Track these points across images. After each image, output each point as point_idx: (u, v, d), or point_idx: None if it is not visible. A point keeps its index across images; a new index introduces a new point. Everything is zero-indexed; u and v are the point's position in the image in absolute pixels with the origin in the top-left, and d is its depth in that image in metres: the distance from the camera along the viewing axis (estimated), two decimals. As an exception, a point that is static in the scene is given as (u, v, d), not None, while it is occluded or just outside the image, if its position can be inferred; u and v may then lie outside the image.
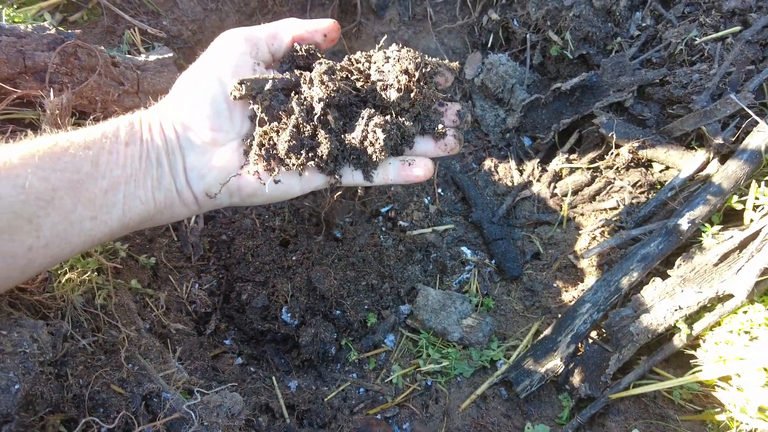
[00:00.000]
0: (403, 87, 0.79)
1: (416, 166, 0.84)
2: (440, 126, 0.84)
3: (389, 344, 1.43)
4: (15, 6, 1.25)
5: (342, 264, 1.46)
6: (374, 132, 0.79)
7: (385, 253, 1.50)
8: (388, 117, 0.80)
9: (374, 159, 0.81)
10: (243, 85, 0.76)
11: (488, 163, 1.80)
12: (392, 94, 0.80)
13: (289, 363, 1.36)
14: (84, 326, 0.95)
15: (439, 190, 1.74)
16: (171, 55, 1.41)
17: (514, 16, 1.78)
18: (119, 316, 0.99)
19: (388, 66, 0.81)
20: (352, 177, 0.84)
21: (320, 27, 0.82)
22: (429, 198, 1.71)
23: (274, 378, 1.27)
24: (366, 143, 0.80)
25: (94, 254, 1.02)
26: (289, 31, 0.82)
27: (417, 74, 0.79)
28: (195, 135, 0.77)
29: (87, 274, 0.97)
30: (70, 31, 1.21)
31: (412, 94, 0.80)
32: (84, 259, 0.99)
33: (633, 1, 1.59)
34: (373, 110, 0.81)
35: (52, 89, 1.08)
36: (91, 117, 1.17)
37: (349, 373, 1.37)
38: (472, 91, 1.86)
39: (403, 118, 0.83)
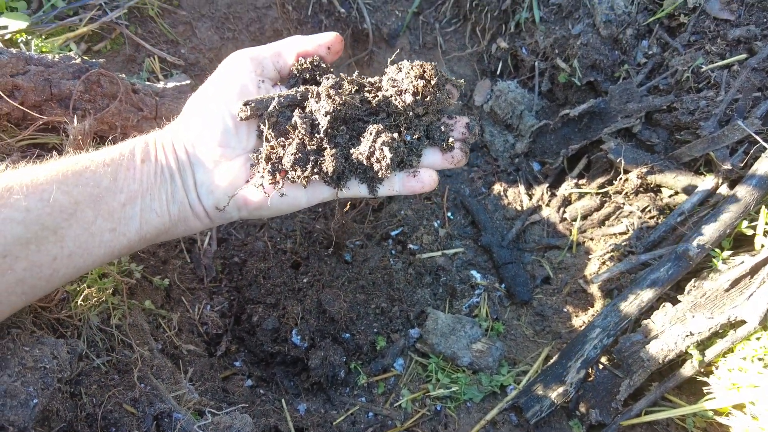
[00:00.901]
0: (419, 90, 0.81)
1: (421, 178, 0.86)
2: (450, 139, 0.86)
3: (398, 368, 1.43)
4: (43, 36, 1.31)
5: (352, 287, 1.47)
6: (381, 150, 0.80)
7: (394, 276, 1.51)
8: (395, 134, 0.82)
9: (380, 176, 0.83)
10: (248, 107, 0.80)
11: (498, 188, 1.81)
12: (407, 98, 0.81)
13: (299, 386, 1.37)
14: (99, 345, 0.97)
15: (449, 214, 1.75)
16: (189, 82, 1.46)
17: (523, 44, 1.82)
18: (133, 336, 1.01)
19: (401, 74, 0.83)
20: (357, 189, 0.86)
21: (323, 41, 0.86)
22: (439, 221, 1.73)
23: (283, 400, 1.27)
24: (372, 159, 0.81)
25: (111, 274, 1.04)
26: (293, 47, 0.86)
27: (434, 79, 0.81)
28: (204, 152, 0.82)
29: (103, 294, 1.00)
30: (94, 60, 1.26)
31: (427, 98, 0.81)
32: (101, 279, 1.02)
33: (639, 29, 1.62)
34: (380, 126, 0.82)
35: (75, 115, 1.13)
36: (110, 138, 1.21)
37: (358, 396, 1.36)
38: (482, 117, 1.90)
39: (414, 128, 0.84)
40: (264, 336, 1.36)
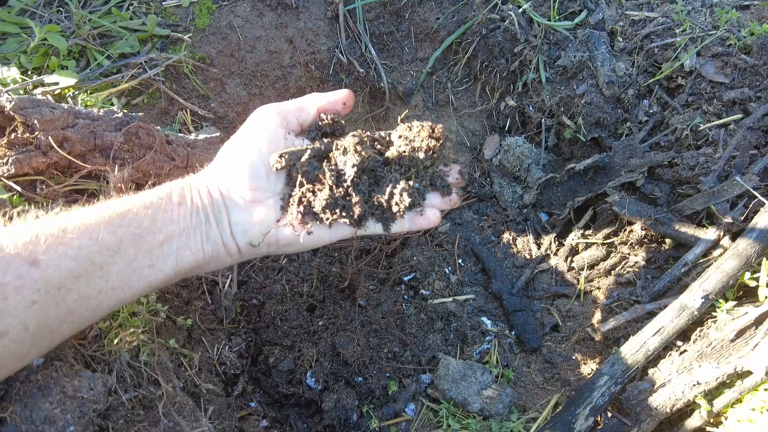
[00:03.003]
0: (431, 147, 0.95)
1: (427, 217, 0.99)
2: (449, 186, 1.01)
3: (410, 413, 1.45)
4: (89, 92, 1.43)
5: (365, 330, 1.51)
6: (401, 195, 0.94)
7: (407, 321, 1.56)
8: (411, 182, 0.96)
9: (396, 216, 0.97)
10: (282, 158, 0.91)
11: (507, 236, 1.88)
12: (420, 154, 0.96)
13: (312, 428, 1.39)
14: (127, 381, 1.02)
15: (460, 261, 1.81)
16: (218, 134, 1.56)
17: (530, 102, 1.93)
18: (160, 372, 1.06)
19: (413, 132, 0.97)
20: (374, 228, 0.98)
21: (339, 97, 0.99)
22: (450, 268, 1.78)
23: (296, 442, 1.30)
24: (392, 203, 0.95)
25: (141, 313, 1.10)
26: (314, 104, 0.98)
27: (441, 138, 0.96)
28: (237, 195, 0.92)
29: (134, 331, 1.06)
30: (133, 114, 1.37)
31: (434, 154, 0.96)
32: (132, 318, 1.08)
33: (640, 90, 1.72)
34: (398, 176, 0.97)
35: (116, 164, 1.23)
36: (147, 184, 1.30)
37: (370, 440, 1.38)
38: (491, 169, 1.98)
39: (422, 177, 0.99)
40: (279, 377, 1.40)
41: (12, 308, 0.69)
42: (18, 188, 1.13)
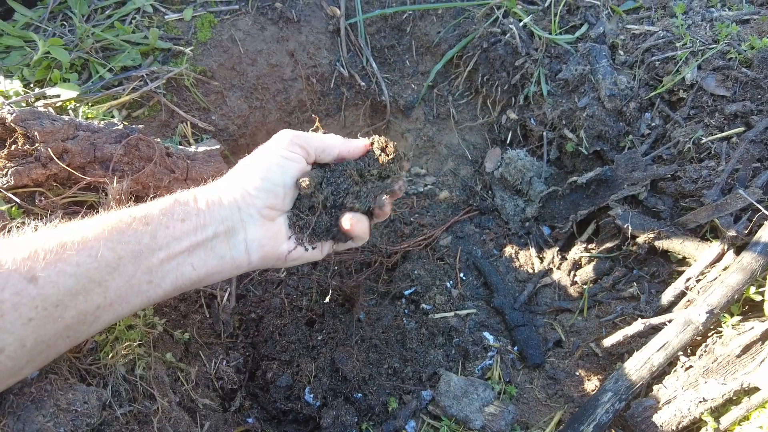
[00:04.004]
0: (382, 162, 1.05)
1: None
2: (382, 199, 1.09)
3: (410, 430, 1.42)
4: (90, 104, 1.43)
5: (365, 345, 1.49)
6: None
7: (407, 336, 1.54)
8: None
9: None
10: (311, 182, 0.97)
11: (509, 250, 1.86)
12: (374, 171, 1.05)
13: (310, 445, 1.37)
14: (122, 396, 1.00)
15: (462, 275, 1.79)
16: (218, 147, 1.56)
17: (531, 115, 1.93)
18: (155, 386, 1.04)
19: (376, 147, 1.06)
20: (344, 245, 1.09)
21: (359, 149, 1.04)
22: (451, 282, 1.76)
23: (294, 459, 1.27)
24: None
25: (137, 326, 1.09)
26: (336, 148, 1.03)
27: (392, 154, 1.05)
28: (255, 211, 0.94)
29: (130, 344, 1.04)
30: (134, 126, 1.37)
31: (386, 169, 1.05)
32: (128, 331, 1.07)
33: (642, 103, 1.71)
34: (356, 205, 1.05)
35: (115, 176, 1.22)
36: (146, 197, 1.29)
37: (370, 458, 1.35)
38: (492, 182, 1.98)
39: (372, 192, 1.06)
40: (277, 393, 1.38)
41: (9, 325, 0.68)
42: (17, 200, 1.13)
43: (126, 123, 1.42)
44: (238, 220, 0.92)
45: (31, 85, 1.48)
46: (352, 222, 1.00)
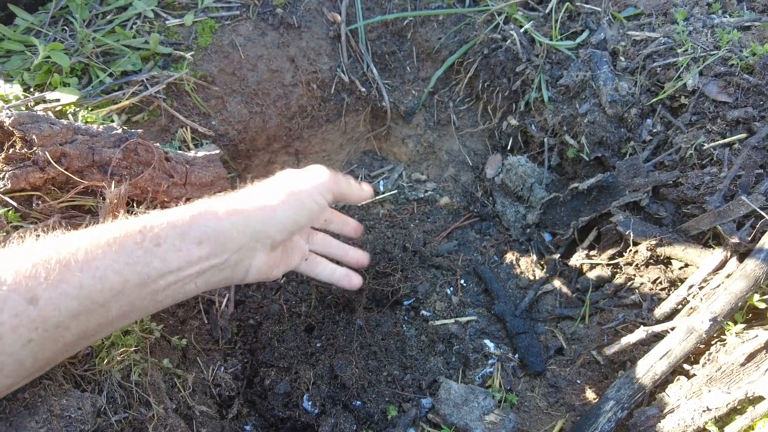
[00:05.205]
0: None
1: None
2: None
3: (410, 438, 1.41)
4: (90, 108, 1.43)
5: (364, 352, 1.48)
6: None
7: (407, 343, 1.52)
8: None
9: None
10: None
11: (510, 257, 1.85)
12: None
13: (308, 453, 1.35)
14: (117, 402, 0.99)
15: (462, 281, 1.78)
16: (218, 151, 1.56)
17: (532, 121, 1.92)
18: (151, 392, 1.03)
19: None
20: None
21: (369, 197, 1.19)
22: (452, 288, 1.75)
23: (292, 468, 1.25)
24: None
25: (134, 331, 1.08)
26: (356, 200, 1.17)
27: None
28: (269, 244, 0.97)
29: (126, 350, 1.03)
30: (133, 130, 1.37)
31: None
32: (124, 337, 1.06)
33: (643, 109, 1.71)
34: None
35: (113, 181, 1.22)
36: (145, 202, 1.29)
37: (368, 467, 1.34)
38: (493, 189, 1.97)
39: None
40: (275, 400, 1.36)
41: (8, 347, 0.67)
42: (14, 204, 1.12)
43: (125, 127, 1.42)
44: (251, 250, 0.94)
45: (32, 90, 1.48)
46: None
